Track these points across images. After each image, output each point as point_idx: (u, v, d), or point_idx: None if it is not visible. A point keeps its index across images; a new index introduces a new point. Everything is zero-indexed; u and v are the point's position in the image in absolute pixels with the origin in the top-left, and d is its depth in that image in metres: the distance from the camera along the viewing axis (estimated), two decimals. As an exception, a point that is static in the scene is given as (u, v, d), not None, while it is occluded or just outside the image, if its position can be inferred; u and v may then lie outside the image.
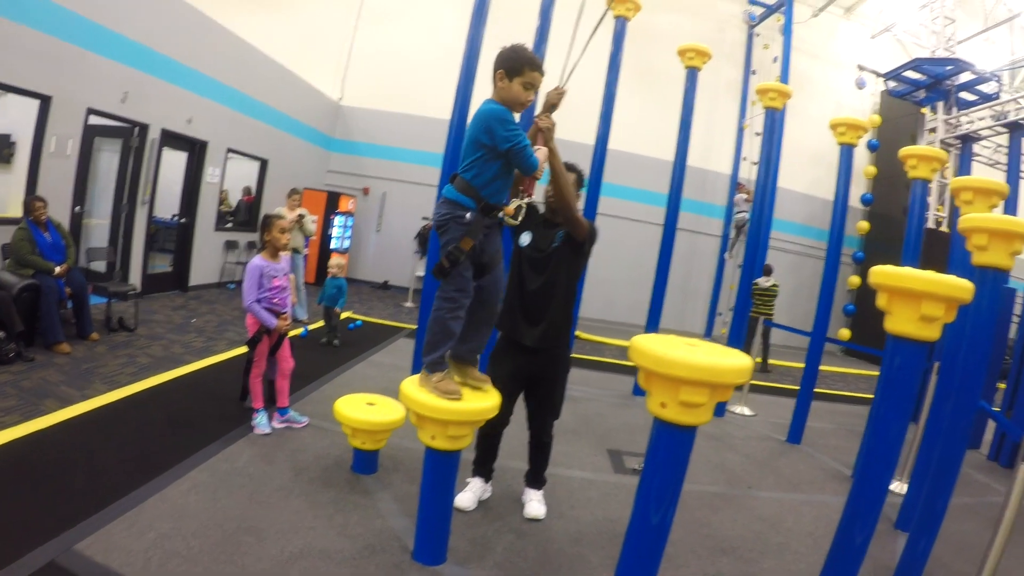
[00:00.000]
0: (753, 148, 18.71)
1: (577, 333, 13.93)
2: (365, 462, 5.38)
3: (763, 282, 14.29)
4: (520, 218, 3.92)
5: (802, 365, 9.15)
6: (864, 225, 20.81)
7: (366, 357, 9.70)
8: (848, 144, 8.66)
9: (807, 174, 20.13)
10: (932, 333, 3.11)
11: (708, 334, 19.40)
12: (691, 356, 2.58)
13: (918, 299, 3.03)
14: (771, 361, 15.26)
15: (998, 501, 4.34)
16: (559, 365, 4.95)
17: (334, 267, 10.51)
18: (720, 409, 9.59)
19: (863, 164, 20.95)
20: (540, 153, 3.90)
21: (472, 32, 7.64)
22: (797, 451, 8.49)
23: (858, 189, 20.99)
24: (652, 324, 9.80)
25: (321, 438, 5.99)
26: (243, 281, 6.12)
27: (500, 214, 3.82)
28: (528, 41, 8.54)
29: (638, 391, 9.62)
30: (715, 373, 2.57)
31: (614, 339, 14.83)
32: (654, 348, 2.66)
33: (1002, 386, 10.92)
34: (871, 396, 11.45)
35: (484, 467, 5.16)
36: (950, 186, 6.46)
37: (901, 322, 3.13)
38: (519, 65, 3.70)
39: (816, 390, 9.09)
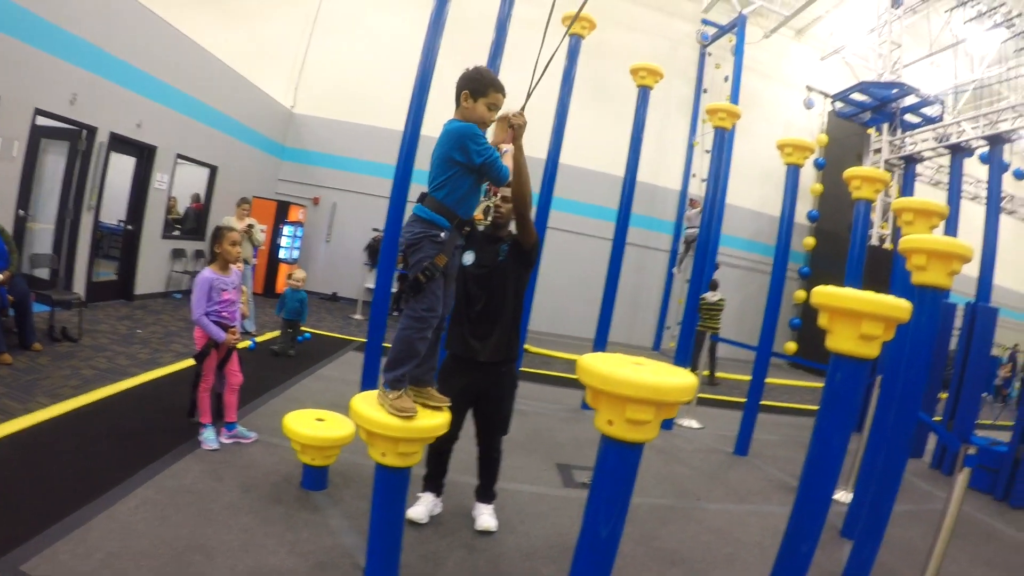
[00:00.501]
0: (703, 165, 19.04)
1: (526, 347, 13.98)
2: (315, 478, 5.35)
3: (710, 296, 14.49)
4: (490, 218, 3.98)
5: (749, 378, 9.31)
6: (810, 241, 21.22)
7: (315, 371, 9.62)
8: (794, 164, 8.85)
9: (755, 191, 20.46)
10: (872, 351, 3.22)
11: (656, 347, 19.66)
12: (637, 375, 2.64)
13: (858, 319, 3.14)
14: (719, 374, 15.46)
15: (939, 508, 4.48)
16: (508, 380, 5.01)
17: (297, 280, 10.51)
18: (668, 423, 9.63)
19: (810, 182, 21.35)
20: (507, 158, 4.00)
21: (428, 43, 7.68)
22: (744, 463, 8.64)
23: (804, 206, 21.40)
24: (600, 337, 9.90)
25: (270, 454, 5.93)
26: (192, 293, 6.03)
27: (468, 228, 3.85)
28: (484, 54, 8.62)
29: (586, 405, 9.69)
30: (660, 392, 2.62)
31: (563, 352, 14.87)
32: (601, 367, 2.71)
33: (943, 396, 11.19)
34: (816, 408, 11.62)
35: (435, 482, 5.16)
36: (892, 207, 6.61)
37: (842, 340, 3.23)
38: (484, 86, 3.78)
39: (762, 403, 9.24)
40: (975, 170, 16.28)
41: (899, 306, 3.12)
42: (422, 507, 5.01)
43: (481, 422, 5.04)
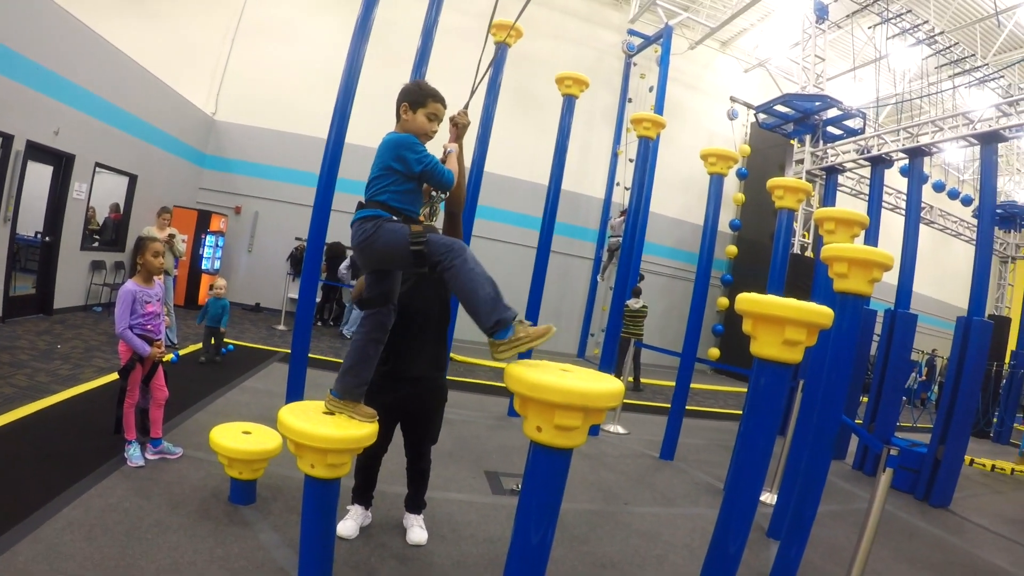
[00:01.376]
0: (627, 173, 19.28)
1: (452, 355, 13.98)
2: (243, 492, 5.26)
3: (633, 304, 14.65)
4: (434, 219, 4.01)
5: (673, 383, 9.45)
6: (732, 249, 21.68)
7: (239, 383, 9.43)
8: (718, 174, 9.01)
9: (679, 199, 20.84)
10: (795, 356, 3.30)
11: (581, 354, 19.80)
12: (565, 382, 2.68)
13: (781, 325, 3.23)
14: (643, 380, 15.56)
15: (863, 508, 4.59)
16: (438, 393, 4.98)
17: (219, 288, 10.64)
18: (594, 429, 9.73)
19: (733, 191, 21.78)
20: (452, 159, 4.06)
21: (352, 49, 7.65)
22: (671, 467, 8.79)
23: (727, 215, 21.85)
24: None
25: (197, 469, 5.81)
26: (115, 306, 5.89)
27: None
28: (410, 61, 8.60)
29: (512, 412, 9.71)
30: (588, 398, 2.67)
31: (488, 360, 14.83)
32: (529, 375, 2.75)
33: (865, 400, 11.51)
34: (740, 412, 11.84)
35: (364, 495, 5.12)
36: (814, 216, 6.77)
37: (766, 346, 3.32)
38: (422, 97, 3.87)
39: (687, 407, 9.39)
40: (896, 181, 16.73)
41: (821, 312, 3.21)
42: (351, 521, 4.96)
43: (410, 435, 5.00)
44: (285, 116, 17.91)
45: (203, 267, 16.60)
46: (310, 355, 8.28)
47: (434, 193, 4.24)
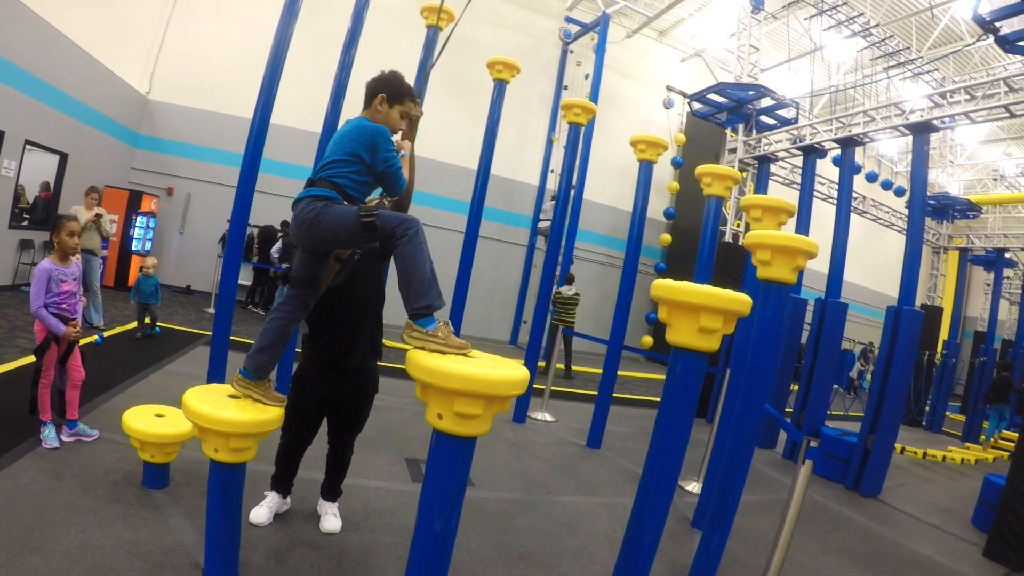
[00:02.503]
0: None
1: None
2: (156, 476, 5.14)
3: (565, 291, 14.69)
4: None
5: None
6: (666, 238, 21.95)
7: (163, 366, 9.23)
8: (647, 160, 9.02)
9: (613, 187, 20.95)
10: (711, 344, 3.27)
11: (513, 342, 19.85)
12: (465, 368, 2.63)
13: (696, 312, 3.19)
14: (575, 367, 15.61)
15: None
16: (373, 384, 4.89)
17: (149, 267, 11.01)
18: (521, 415, 9.81)
19: (668, 179, 21.93)
20: (404, 164, 3.94)
21: (280, 30, 7.54)
22: (597, 455, 8.79)
23: (662, 203, 21.98)
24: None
25: (112, 452, 5.67)
26: (31, 285, 5.76)
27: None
28: (338, 41, 8.49)
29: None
30: (489, 385, 2.62)
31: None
32: (428, 361, 2.70)
33: (795, 388, 11.64)
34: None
35: (283, 484, 5.00)
36: (741, 204, 6.77)
37: (681, 333, 3.29)
38: (401, 94, 3.85)
39: (616, 395, 9.42)
40: (830, 172, 16.93)
41: (737, 300, 3.18)
42: (265, 508, 4.87)
43: (338, 424, 4.90)
44: (220, 97, 17.57)
45: (133, 248, 16.24)
46: (237, 339, 8.16)
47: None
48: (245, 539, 4.01)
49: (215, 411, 3.49)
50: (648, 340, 21.46)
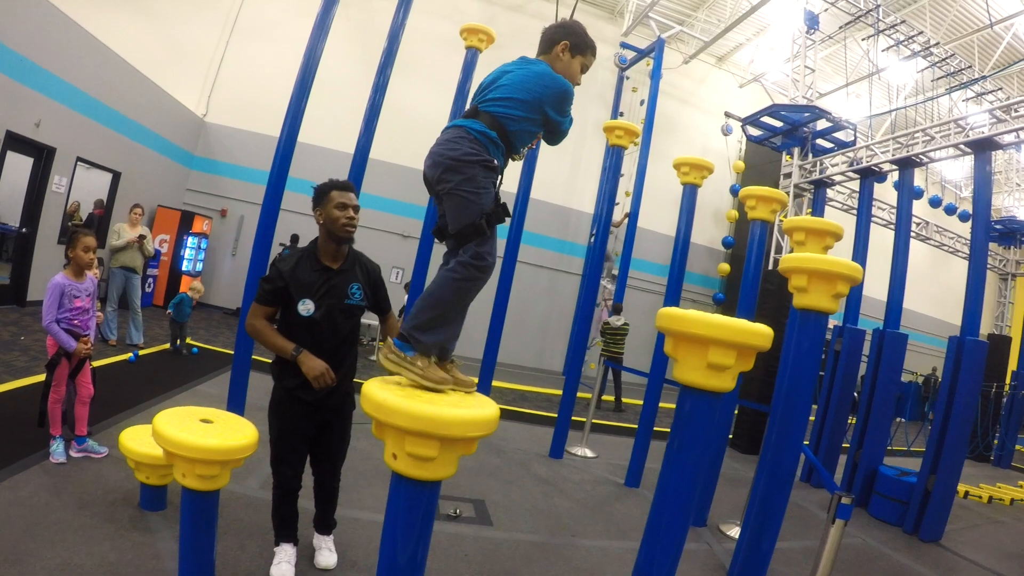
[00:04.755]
0: (619, 189, 18.97)
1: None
2: (152, 498, 5.01)
3: (614, 321, 14.34)
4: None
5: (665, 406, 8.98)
6: (725, 267, 21.51)
7: (194, 387, 9.17)
8: (691, 184, 8.66)
9: (671, 216, 20.53)
10: (723, 383, 2.87)
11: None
12: (418, 405, 2.34)
13: (704, 346, 2.79)
14: (626, 400, 15.13)
15: (842, 543, 4.22)
16: (350, 405, 4.63)
17: (197, 290, 11.58)
18: (559, 450, 9.41)
19: (727, 208, 21.61)
20: None
21: (310, 47, 7.52)
22: (634, 495, 8.30)
23: (721, 232, 21.62)
24: (488, 360, 9.59)
25: (118, 470, 5.55)
26: (44, 299, 5.68)
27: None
28: (374, 61, 8.38)
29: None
30: (443, 425, 2.33)
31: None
32: (380, 395, 2.41)
33: (852, 421, 11.14)
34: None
35: (290, 530, 4.55)
36: (783, 226, 6.37)
37: (688, 370, 2.88)
38: (585, 45, 3.33)
39: (660, 429, 8.95)
40: (891, 197, 16.39)
41: (753, 331, 2.77)
42: (285, 565, 4.41)
43: (324, 454, 4.59)
44: (276, 120, 17.47)
45: (184, 268, 16.34)
46: (259, 358, 7.95)
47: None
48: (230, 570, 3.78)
49: (181, 435, 3.34)
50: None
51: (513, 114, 3.07)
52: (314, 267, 4.29)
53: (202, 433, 3.45)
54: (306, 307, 4.21)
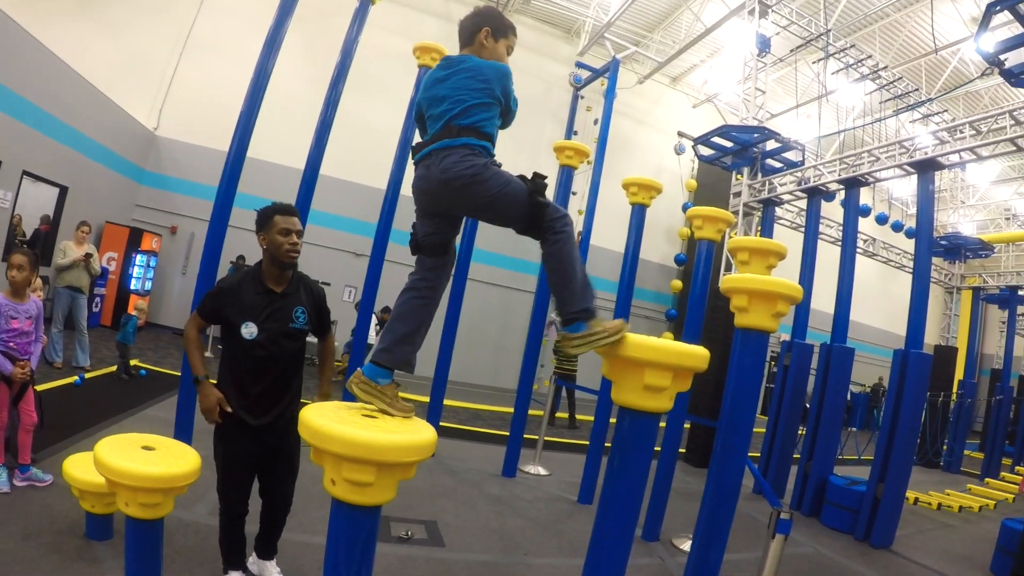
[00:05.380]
0: (571, 207, 19.04)
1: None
2: (99, 527, 4.92)
3: (566, 339, 14.38)
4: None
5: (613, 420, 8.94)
6: (678, 284, 21.81)
7: (142, 410, 9.00)
8: (640, 204, 8.79)
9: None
10: (660, 404, 2.90)
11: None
12: (352, 432, 2.35)
13: (640, 368, 2.81)
14: (580, 417, 15.18)
15: (798, 552, 4.28)
16: (295, 427, 4.52)
17: (141, 309, 11.27)
18: (511, 469, 9.37)
19: (679, 225, 21.87)
20: None
21: (261, 62, 7.53)
22: (587, 512, 8.23)
23: (674, 249, 21.86)
24: (440, 376, 9.63)
25: (63, 499, 5.42)
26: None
27: None
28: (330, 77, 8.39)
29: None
30: (378, 451, 2.34)
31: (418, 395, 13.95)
32: (316, 421, 2.42)
33: (802, 432, 11.35)
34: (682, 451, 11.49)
35: (239, 557, 4.51)
36: (728, 246, 6.43)
37: (625, 392, 2.91)
38: (505, 28, 3.46)
39: (611, 445, 8.86)
40: (840, 215, 16.65)
41: (689, 354, 2.82)
42: None
43: (270, 478, 4.51)
44: (229, 136, 17.33)
45: (132, 287, 16.04)
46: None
47: None
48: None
49: (122, 464, 3.31)
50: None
51: (484, 116, 3.18)
52: (258, 290, 4.32)
53: (144, 461, 3.42)
54: (249, 330, 4.22)
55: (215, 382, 4.26)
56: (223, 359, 4.38)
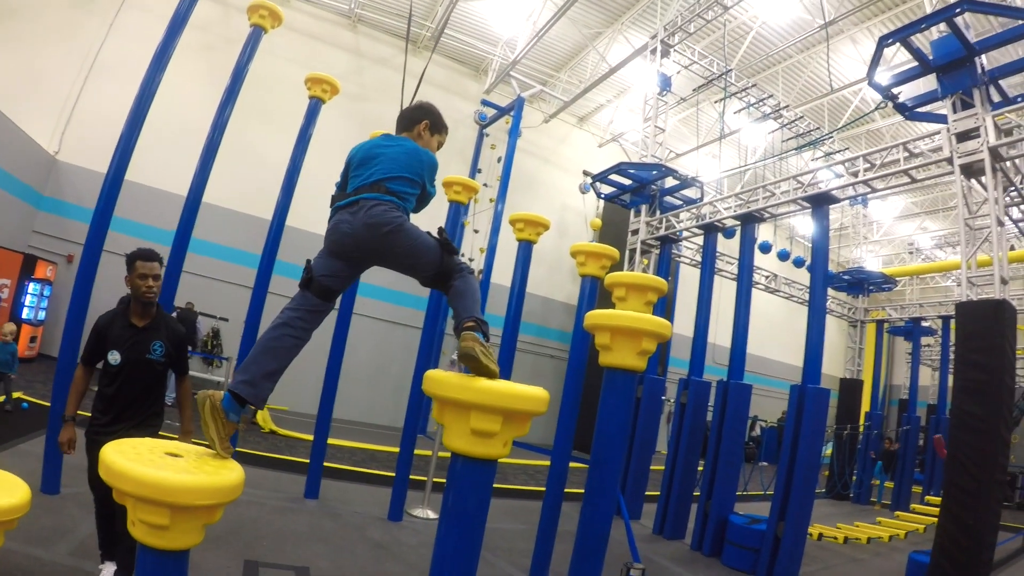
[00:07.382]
0: (473, 244, 19.03)
1: (271, 426, 13.49)
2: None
3: (465, 377, 14.29)
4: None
5: (521, 462, 8.79)
6: (582, 323, 21.79)
7: (17, 444, 8.70)
8: (526, 240, 8.97)
9: (532, 273, 20.76)
10: (490, 450, 2.90)
11: (424, 431, 19.47)
12: (143, 471, 2.27)
13: (466, 411, 2.82)
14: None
15: None
16: (149, 432, 4.90)
17: (6, 333, 10.86)
18: (397, 513, 8.94)
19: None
20: None
21: (147, 78, 7.61)
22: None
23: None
24: (323, 414, 9.46)
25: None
26: None
27: None
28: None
29: (310, 493, 9.02)
30: (170, 492, 2.26)
31: (305, 434, 13.02)
32: (111, 458, 2.35)
33: (701, 468, 11.36)
34: (580, 491, 11.31)
35: (111, 549, 4.97)
36: (605, 282, 6.36)
37: (454, 437, 2.92)
38: (441, 126, 4.21)
39: (514, 487, 8.72)
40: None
41: (521, 396, 2.82)
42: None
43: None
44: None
45: (24, 316, 15.47)
46: (84, 412, 7.58)
47: None
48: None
49: None
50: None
51: (408, 190, 3.77)
52: (124, 324, 4.94)
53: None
54: (114, 357, 4.83)
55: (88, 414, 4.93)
56: (99, 379, 4.94)
